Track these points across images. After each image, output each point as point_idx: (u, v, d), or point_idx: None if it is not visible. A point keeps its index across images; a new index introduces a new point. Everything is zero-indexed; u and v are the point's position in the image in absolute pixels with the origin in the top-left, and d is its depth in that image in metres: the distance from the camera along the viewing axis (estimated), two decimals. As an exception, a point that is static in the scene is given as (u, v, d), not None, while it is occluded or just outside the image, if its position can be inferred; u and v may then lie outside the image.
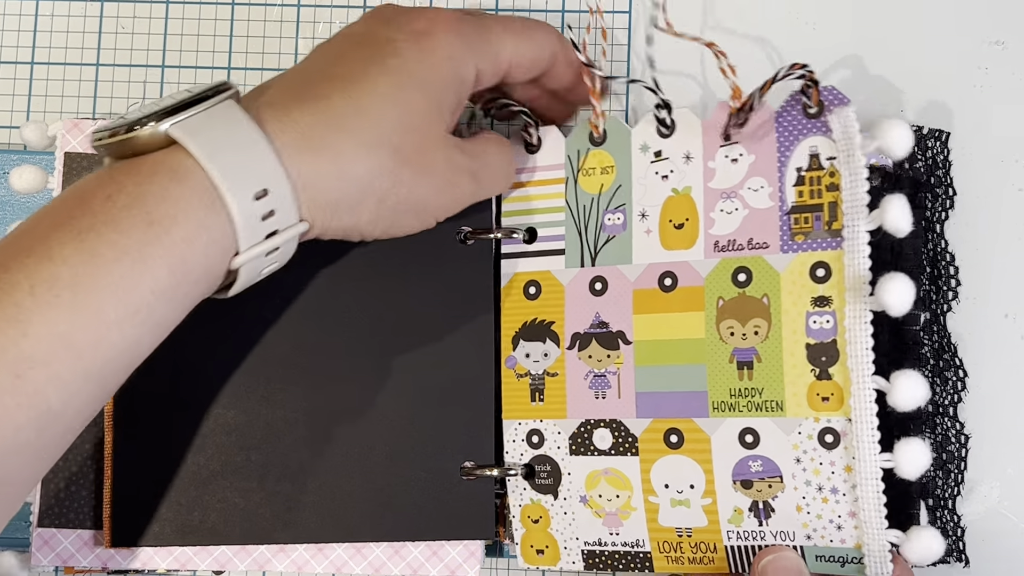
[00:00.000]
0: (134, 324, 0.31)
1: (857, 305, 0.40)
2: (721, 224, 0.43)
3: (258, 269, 0.36)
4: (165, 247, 0.31)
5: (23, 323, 0.29)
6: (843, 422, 0.41)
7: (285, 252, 0.36)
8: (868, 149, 0.40)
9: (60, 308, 0.30)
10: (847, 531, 0.41)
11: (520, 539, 0.46)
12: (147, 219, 0.31)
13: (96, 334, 0.31)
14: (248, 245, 0.34)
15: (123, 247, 0.31)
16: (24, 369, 0.29)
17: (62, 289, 0.30)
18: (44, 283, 0.30)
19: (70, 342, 0.30)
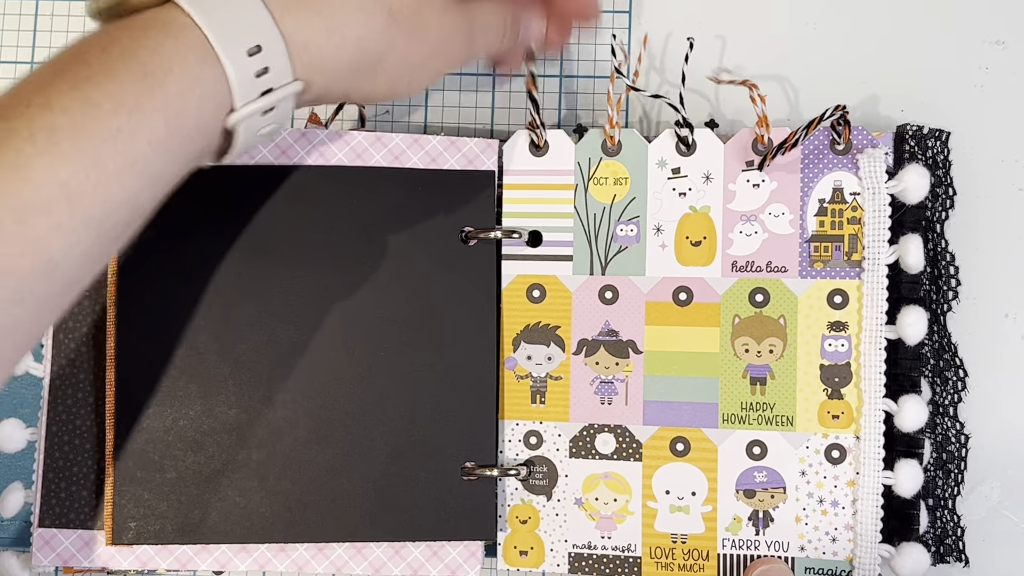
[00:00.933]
0: (132, 175, 0.32)
1: (873, 332, 0.43)
2: (740, 245, 0.45)
3: (255, 130, 0.36)
4: (160, 99, 0.32)
5: (24, 169, 0.30)
6: (851, 439, 0.44)
7: (282, 114, 0.36)
8: (893, 190, 0.43)
9: (60, 156, 0.30)
10: (841, 544, 0.43)
11: (504, 540, 0.46)
12: (142, 70, 0.32)
13: (95, 183, 0.31)
14: (243, 101, 0.34)
15: (119, 98, 0.31)
16: (27, 216, 0.30)
17: (62, 138, 0.30)
18: (43, 131, 0.30)
19: (70, 190, 0.30)
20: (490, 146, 0.46)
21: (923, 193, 0.43)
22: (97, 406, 0.46)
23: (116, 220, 0.32)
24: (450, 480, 0.45)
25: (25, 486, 0.46)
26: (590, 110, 0.49)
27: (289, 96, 0.35)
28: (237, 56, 0.33)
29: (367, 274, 0.45)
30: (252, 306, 0.45)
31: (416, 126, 0.50)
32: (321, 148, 0.46)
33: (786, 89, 0.48)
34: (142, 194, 0.33)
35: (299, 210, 0.45)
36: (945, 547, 0.44)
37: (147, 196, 0.33)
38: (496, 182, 0.46)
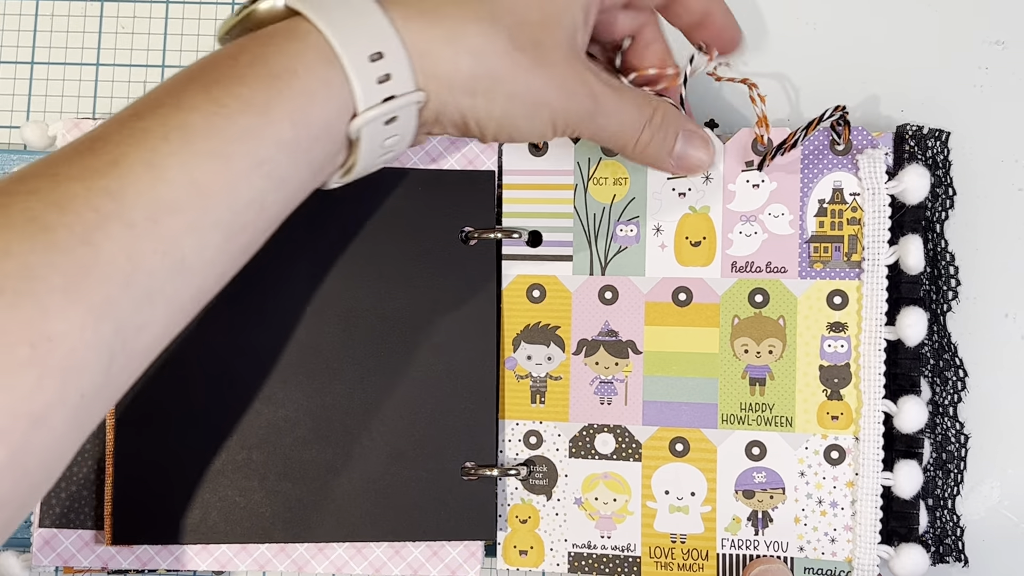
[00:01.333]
0: (260, 175, 0.32)
1: (873, 333, 0.43)
2: (739, 245, 0.45)
3: (378, 140, 0.35)
4: (287, 99, 0.32)
5: (159, 168, 0.30)
6: (850, 440, 0.44)
7: (404, 127, 0.36)
8: (893, 191, 0.43)
9: (193, 155, 0.30)
10: (840, 544, 0.43)
11: (504, 539, 0.46)
12: (269, 72, 0.32)
13: (226, 182, 0.31)
14: (366, 106, 0.34)
15: (248, 99, 0.32)
16: (160, 214, 0.30)
17: (195, 136, 0.31)
18: (177, 130, 0.30)
19: (203, 189, 0.30)
20: (490, 146, 0.46)
21: (923, 193, 0.43)
22: (97, 406, 0.46)
23: (244, 221, 0.32)
24: (450, 480, 0.45)
25: (25, 486, 0.46)
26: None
27: (411, 105, 0.35)
28: (359, 61, 0.33)
29: (367, 274, 0.45)
30: (253, 306, 0.45)
31: (416, 126, 0.50)
32: (321, 148, 0.46)
33: (786, 89, 0.48)
34: (268, 196, 0.33)
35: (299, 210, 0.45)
36: (944, 547, 0.44)
37: (273, 199, 0.33)
38: (496, 182, 0.46)
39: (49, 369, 0.28)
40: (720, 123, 0.47)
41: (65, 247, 0.28)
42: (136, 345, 0.31)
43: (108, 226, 0.29)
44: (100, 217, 0.29)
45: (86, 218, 0.29)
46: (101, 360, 0.29)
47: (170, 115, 0.31)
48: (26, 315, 0.27)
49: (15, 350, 0.27)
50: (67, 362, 0.28)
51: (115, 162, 0.30)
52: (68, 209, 0.29)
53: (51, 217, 0.28)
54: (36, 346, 0.27)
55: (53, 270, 0.28)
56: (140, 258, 0.29)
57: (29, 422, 0.27)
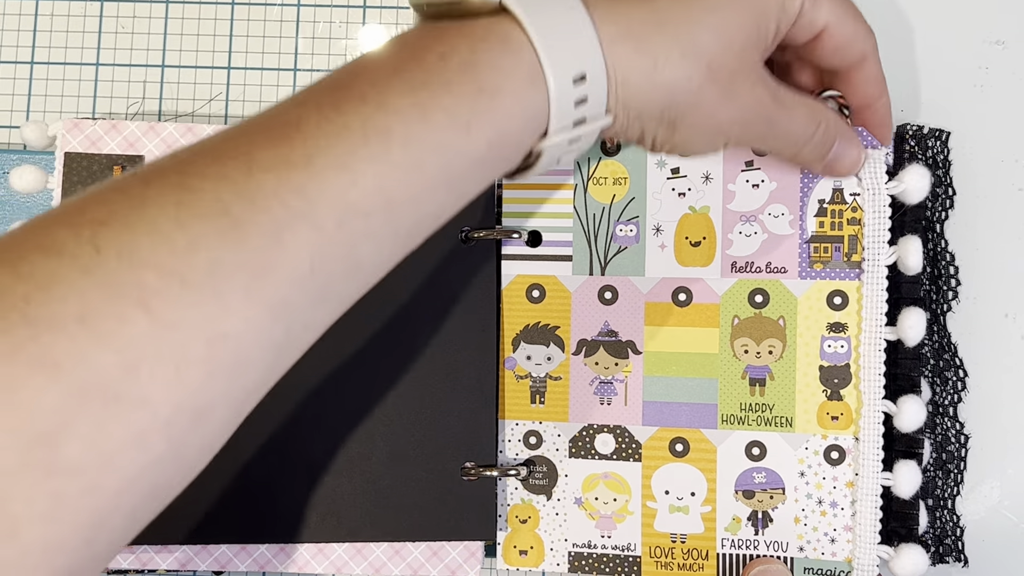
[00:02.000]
0: (447, 190, 0.31)
1: (873, 334, 0.43)
2: (739, 246, 0.45)
3: (557, 156, 0.35)
4: (489, 119, 0.31)
5: (354, 172, 0.29)
6: (850, 441, 0.44)
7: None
8: (893, 191, 0.43)
9: (389, 163, 0.29)
10: (840, 544, 0.44)
11: (504, 539, 0.46)
12: (478, 86, 0.31)
13: (414, 195, 0.30)
14: (558, 127, 0.33)
15: (454, 112, 0.30)
16: (347, 219, 0.29)
17: (395, 144, 0.29)
18: (378, 133, 0.29)
19: (391, 199, 0.30)
20: (490, 146, 0.46)
21: (923, 194, 0.43)
22: (97, 406, 0.46)
23: (420, 231, 0.32)
24: (450, 480, 0.45)
25: (25, 486, 0.46)
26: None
27: (598, 129, 0.34)
28: (564, 82, 0.32)
29: (367, 274, 0.45)
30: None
31: (416, 126, 0.50)
32: (321, 148, 0.46)
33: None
34: (448, 209, 0.32)
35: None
36: (944, 547, 0.44)
37: (452, 210, 0.33)
38: (496, 182, 0.46)
39: (220, 366, 0.27)
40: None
41: (253, 246, 0.27)
42: (300, 342, 0.30)
43: (296, 226, 0.28)
44: (290, 216, 0.28)
45: (276, 216, 0.28)
46: (267, 358, 0.29)
47: (372, 115, 0.29)
48: (206, 312, 0.27)
49: (191, 346, 0.26)
50: (237, 360, 0.28)
51: (310, 157, 0.28)
52: (260, 206, 0.28)
53: (242, 212, 0.27)
54: (212, 343, 0.27)
55: (238, 268, 0.27)
56: (322, 262, 0.29)
57: (193, 417, 0.27)
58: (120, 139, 0.46)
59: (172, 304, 0.26)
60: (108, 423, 0.25)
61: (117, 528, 0.27)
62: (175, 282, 0.26)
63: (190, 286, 0.26)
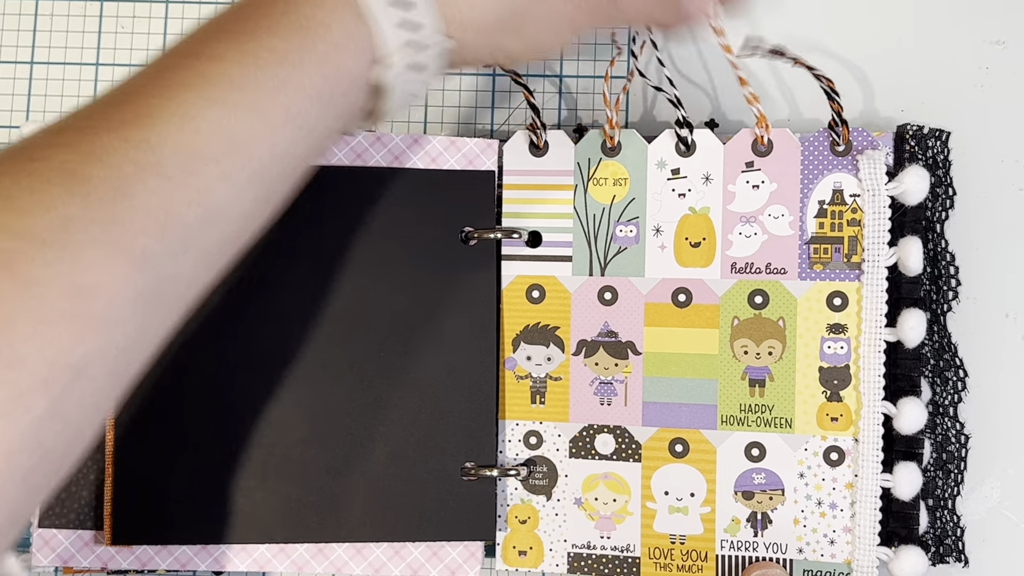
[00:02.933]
0: (293, 127, 0.32)
1: (872, 335, 0.43)
2: (739, 247, 0.45)
3: (405, 88, 0.36)
4: (319, 52, 0.32)
5: (195, 119, 0.30)
6: (850, 442, 0.44)
7: (431, 72, 0.36)
8: (893, 192, 0.43)
9: (229, 107, 0.31)
10: (839, 546, 0.44)
11: (503, 540, 0.46)
12: (301, 24, 0.32)
13: (260, 134, 0.31)
14: (394, 56, 0.34)
15: (283, 51, 0.32)
16: (197, 165, 0.30)
17: (230, 88, 0.31)
18: (212, 81, 0.31)
19: (238, 141, 0.31)
20: (490, 146, 0.46)
21: (923, 195, 0.43)
22: (97, 406, 0.46)
23: (275, 173, 0.33)
24: (450, 480, 0.45)
25: (25, 486, 0.46)
26: (590, 110, 0.49)
27: (440, 53, 0.35)
28: (387, 10, 0.34)
29: (367, 274, 0.45)
30: (252, 306, 0.45)
31: (416, 126, 0.50)
32: (321, 148, 0.46)
33: (785, 89, 0.48)
34: (299, 147, 0.33)
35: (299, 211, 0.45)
36: (945, 547, 0.44)
37: (303, 149, 0.34)
38: (496, 182, 0.46)
39: (88, 321, 0.28)
40: (720, 124, 0.47)
41: (104, 200, 0.28)
42: (169, 295, 0.31)
43: (145, 178, 0.29)
44: (137, 169, 0.29)
45: (124, 171, 0.29)
46: (137, 311, 0.30)
47: (204, 66, 0.31)
48: (66, 268, 0.28)
49: (56, 302, 0.27)
50: (105, 314, 0.28)
51: (150, 114, 0.30)
52: (106, 162, 0.29)
53: (89, 169, 0.29)
54: (75, 298, 0.28)
55: (92, 223, 0.28)
56: (176, 209, 0.30)
57: (70, 373, 0.28)
58: (120, 139, 0.46)
59: (31, 263, 0.27)
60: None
61: (12, 497, 0.27)
62: (33, 243, 0.27)
63: (48, 244, 0.27)
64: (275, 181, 0.33)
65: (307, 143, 0.33)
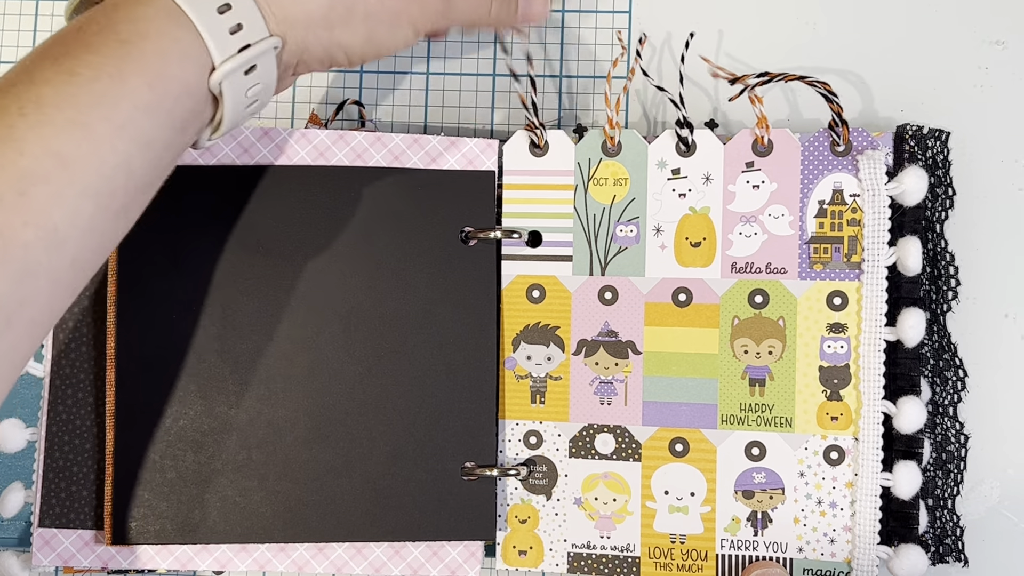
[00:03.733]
0: (123, 140, 0.32)
1: (872, 334, 0.43)
2: (739, 246, 0.45)
3: (241, 90, 0.36)
4: (139, 62, 0.33)
5: (18, 141, 0.30)
6: (850, 441, 0.44)
7: (264, 73, 0.36)
8: (892, 192, 0.43)
9: (51, 125, 0.31)
10: (839, 545, 0.44)
11: (503, 539, 0.46)
12: (118, 38, 0.33)
13: (88, 150, 0.31)
14: (222, 58, 0.34)
15: (99, 65, 0.32)
16: (26, 186, 0.30)
17: (49, 108, 0.31)
18: (31, 103, 0.31)
19: (65, 159, 0.31)
20: (490, 146, 0.46)
21: (922, 195, 0.43)
22: (97, 406, 0.46)
23: (113, 187, 0.33)
24: (450, 480, 0.45)
25: (25, 486, 0.46)
26: (590, 110, 0.49)
27: (267, 51, 0.36)
28: (208, 15, 0.34)
29: (367, 274, 0.45)
30: (252, 306, 0.45)
31: (416, 126, 0.50)
32: (321, 148, 0.46)
33: (786, 89, 0.48)
34: (135, 160, 0.33)
35: (299, 210, 0.45)
36: (944, 547, 0.44)
37: (141, 162, 0.33)
38: (496, 182, 0.46)
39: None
40: (720, 124, 0.47)
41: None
42: (21, 318, 0.31)
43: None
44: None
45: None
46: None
47: (23, 91, 0.31)
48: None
49: None
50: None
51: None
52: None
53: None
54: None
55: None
56: (12, 232, 0.30)
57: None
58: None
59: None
60: None
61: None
62: None
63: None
64: (115, 196, 0.33)
65: (145, 156, 0.33)
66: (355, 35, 0.38)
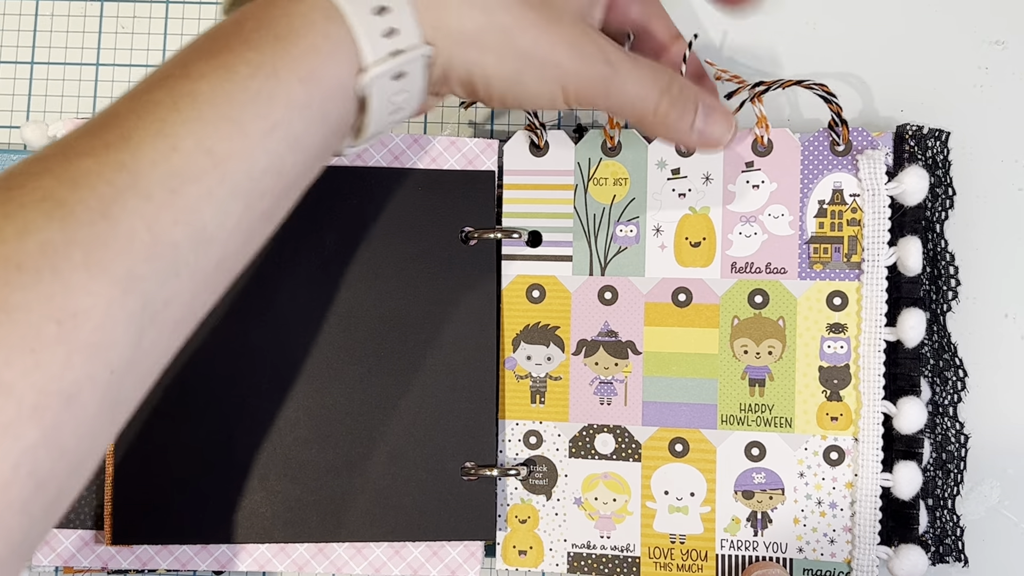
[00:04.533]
0: (275, 140, 0.32)
1: (872, 334, 0.43)
2: (739, 246, 0.45)
3: (387, 96, 0.35)
4: (294, 58, 0.32)
5: (171, 137, 0.30)
6: (850, 441, 0.44)
7: (413, 83, 0.35)
8: (892, 192, 0.43)
9: (204, 122, 0.30)
10: (839, 545, 0.44)
11: (503, 539, 0.46)
12: (274, 34, 0.32)
13: (240, 148, 0.31)
14: (373, 60, 0.33)
15: (256, 62, 0.31)
16: (178, 184, 0.29)
17: (203, 104, 0.30)
18: (186, 98, 0.30)
19: (217, 157, 0.30)
20: (490, 146, 0.46)
21: (922, 195, 0.43)
22: (97, 406, 0.46)
23: (263, 189, 0.32)
24: (450, 480, 0.45)
25: (25, 486, 0.46)
26: (590, 110, 0.49)
27: (418, 59, 0.34)
28: (364, 16, 0.33)
29: (367, 274, 0.45)
30: (252, 306, 0.45)
31: (416, 126, 0.50)
32: (321, 148, 0.46)
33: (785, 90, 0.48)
34: (286, 160, 0.32)
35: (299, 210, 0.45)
36: (944, 547, 0.44)
37: (292, 163, 0.33)
38: (496, 182, 0.46)
39: (77, 345, 0.27)
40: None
41: (83, 221, 0.28)
42: (165, 319, 0.30)
43: (125, 199, 0.29)
44: (115, 191, 0.29)
45: (101, 192, 0.28)
46: (129, 335, 0.29)
47: (178, 85, 0.31)
48: (49, 291, 0.27)
49: (41, 328, 0.27)
50: (94, 338, 0.28)
51: (126, 136, 0.29)
52: (82, 184, 0.28)
53: (65, 193, 0.28)
54: (62, 323, 0.27)
55: (73, 245, 0.28)
56: (161, 230, 0.29)
57: (60, 400, 0.27)
58: (120, 139, 0.46)
59: (10, 289, 0.27)
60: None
61: (15, 527, 0.27)
62: (9, 268, 0.27)
63: (25, 269, 0.27)
64: (263, 197, 0.32)
65: (296, 157, 0.33)
66: (501, 67, 0.35)
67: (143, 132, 0.30)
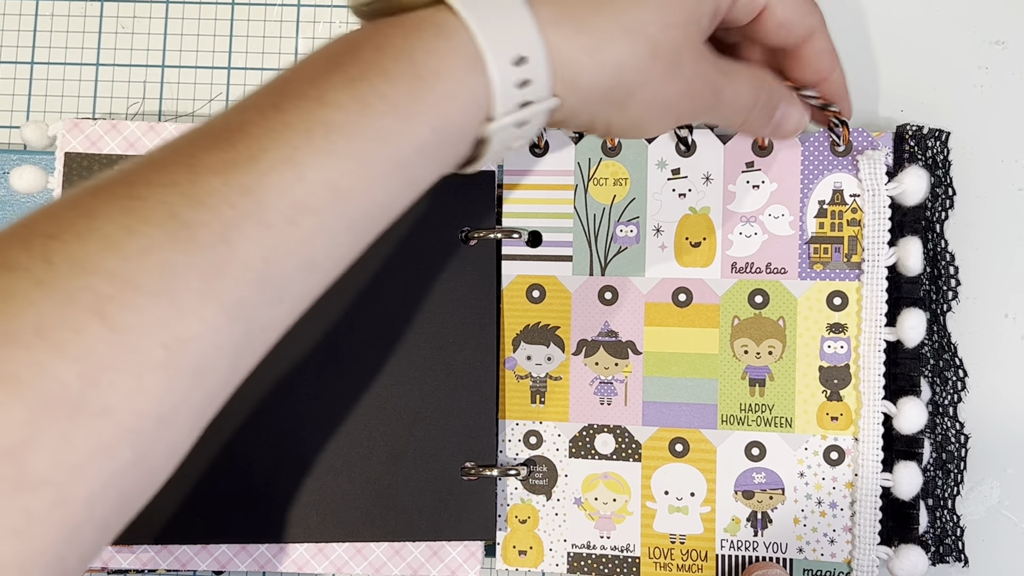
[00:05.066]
0: (396, 179, 0.31)
1: (872, 334, 0.43)
2: (739, 246, 0.45)
3: (506, 142, 0.35)
4: (430, 103, 0.31)
5: (299, 167, 0.29)
6: (850, 441, 0.44)
7: (533, 128, 0.35)
8: (892, 192, 0.43)
9: (334, 155, 0.29)
10: (839, 545, 0.44)
11: (503, 539, 0.46)
12: (415, 72, 0.31)
13: (363, 186, 0.30)
14: (503, 111, 0.33)
15: (392, 99, 0.30)
16: (298, 215, 0.29)
17: (337, 136, 0.29)
18: (319, 127, 0.29)
19: (340, 192, 0.30)
20: (490, 146, 0.46)
21: (922, 195, 0.43)
22: (97, 406, 0.46)
23: (373, 224, 0.32)
24: (450, 480, 0.45)
25: (25, 486, 0.46)
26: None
27: (544, 111, 0.34)
28: (503, 64, 0.32)
29: (367, 274, 0.45)
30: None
31: (416, 126, 0.50)
32: (321, 148, 0.46)
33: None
34: (399, 199, 0.32)
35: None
36: (944, 547, 0.44)
37: (402, 201, 0.32)
38: (496, 182, 0.46)
39: (180, 371, 0.27)
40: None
41: (203, 245, 0.27)
42: (259, 343, 0.30)
43: (245, 225, 0.28)
44: (238, 215, 0.28)
45: (225, 216, 0.28)
46: (228, 360, 0.29)
47: (313, 110, 0.30)
48: (164, 316, 0.26)
49: (150, 352, 0.26)
50: (198, 364, 0.27)
51: (254, 157, 0.29)
52: (207, 205, 0.28)
53: (190, 215, 0.27)
54: (169, 348, 0.27)
55: (192, 270, 0.27)
56: (275, 260, 0.29)
57: (157, 423, 0.27)
58: (120, 139, 0.47)
59: (127, 310, 0.26)
60: (73, 434, 0.25)
61: (89, 539, 0.27)
62: (128, 288, 0.26)
63: (143, 291, 0.26)
64: (371, 231, 0.32)
65: (409, 194, 0.32)
66: (625, 117, 0.36)
67: (272, 157, 0.29)
